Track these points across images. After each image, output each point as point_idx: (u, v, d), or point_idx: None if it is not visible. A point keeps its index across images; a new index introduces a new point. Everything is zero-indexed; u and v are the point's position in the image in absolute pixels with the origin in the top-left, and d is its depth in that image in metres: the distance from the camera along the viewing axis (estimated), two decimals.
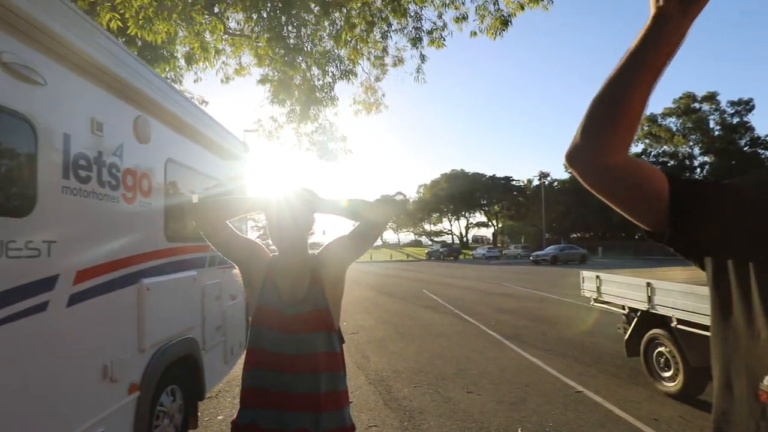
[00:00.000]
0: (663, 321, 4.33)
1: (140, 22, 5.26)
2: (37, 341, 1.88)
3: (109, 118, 2.34)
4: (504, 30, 7.25)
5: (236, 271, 1.65)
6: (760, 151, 44.41)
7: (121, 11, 5.19)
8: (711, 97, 45.46)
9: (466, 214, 72.46)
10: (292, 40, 7.19)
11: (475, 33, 7.56)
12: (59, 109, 1.99)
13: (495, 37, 7.40)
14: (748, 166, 39.90)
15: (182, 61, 8.13)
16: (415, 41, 7.96)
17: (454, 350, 6.36)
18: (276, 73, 8.66)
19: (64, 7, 1.96)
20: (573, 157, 0.80)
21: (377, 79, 9.96)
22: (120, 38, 5.31)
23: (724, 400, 0.72)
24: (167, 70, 8.05)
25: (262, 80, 9.20)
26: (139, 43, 6.70)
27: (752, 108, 44.82)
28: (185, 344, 3.24)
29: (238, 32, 8.27)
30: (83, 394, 2.20)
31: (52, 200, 1.94)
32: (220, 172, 4.04)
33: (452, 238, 77.66)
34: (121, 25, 5.25)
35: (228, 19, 7.74)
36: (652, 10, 0.70)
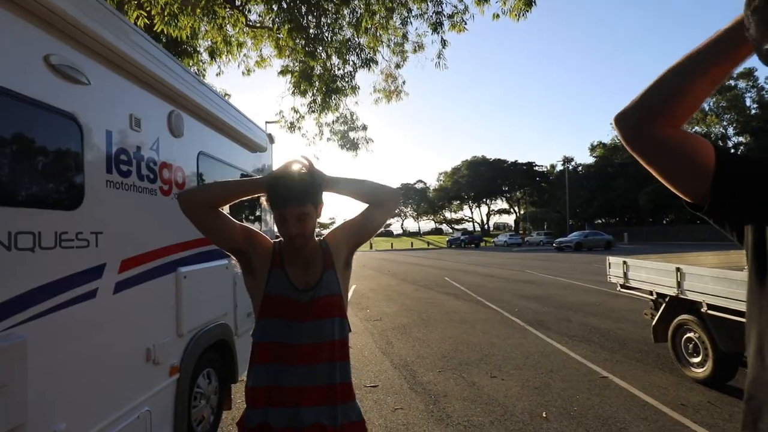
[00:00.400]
0: (692, 306, 4.27)
1: (166, 18, 5.39)
2: (89, 325, 2.02)
3: (146, 113, 2.45)
4: (528, 11, 7.08)
5: (233, 261, 1.50)
6: None
7: (148, 8, 5.32)
8: (748, 74, 43.22)
9: (488, 201, 71.71)
10: (312, 30, 7.22)
11: (498, 15, 7.41)
12: (101, 107, 2.10)
13: (518, 19, 7.23)
14: None
15: (205, 56, 8.28)
16: (436, 26, 7.87)
17: (477, 336, 6.41)
18: (297, 64, 8.74)
19: (102, 8, 2.06)
20: (627, 121, 0.83)
21: (397, 66, 9.92)
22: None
23: (756, 367, 0.75)
24: (191, 65, 8.22)
25: (283, 71, 9.29)
26: (164, 40, 6.86)
27: None
28: (219, 330, 3.40)
29: (259, 24, 8.35)
30: (130, 375, 2.34)
31: (97, 194, 2.06)
32: (248, 164, 4.15)
33: (473, 225, 77.07)
34: (148, 22, 5.39)
35: (249, 11, 7.82)
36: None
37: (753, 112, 43.67)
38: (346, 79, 8.57)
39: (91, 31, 1.92)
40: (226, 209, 1.51)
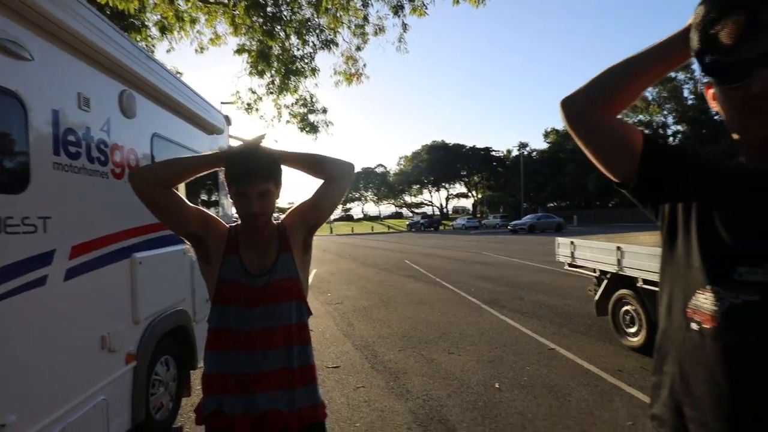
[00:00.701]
0: (630, 282, 4.65)
1: None
2: (39, 314, 1.95)
3: (96, 93, 2.33)
4: None
5: (187, 246, 1.46)
6: None
7: None
8: (686, 66, 46.05)
9: (447, 186, 73.07)
10: (270, 8, 7.00)
11: (458, 1, 7.49)
12: (47, 85, 1.99)
13: (477, 6, 7.35)
14: (718, 134, 41.17)
15: (155, 31, 7.83)
16: (397, 9, 7.84)
17: (436, 316, 6.65)
18: (254, 43, 8.44)
19: None
20: (571, 105, 0.94)
21: (358, 48, 9.78)
22: None
23: (665, 321, 0.88)
24: (138, 40, 7.74)
25: (239, 50, 8.93)
26: (108, 12, 6.42)
27: None
28: (177, 316, 3.35)
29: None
30: (84, 364, 2.28)
31: (44, 177, 1.97)
32: (204, 146, 4.03)
33: (433, 209, 78.38)
34: None
35: None
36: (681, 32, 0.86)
37: (690, 102, 46.82)
38: (306, 61, 8.39)
39: (32, 3, 1.81)
40: (182, 192, 1.46)
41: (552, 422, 3.20)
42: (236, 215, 1.44)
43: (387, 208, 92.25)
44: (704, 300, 0.79)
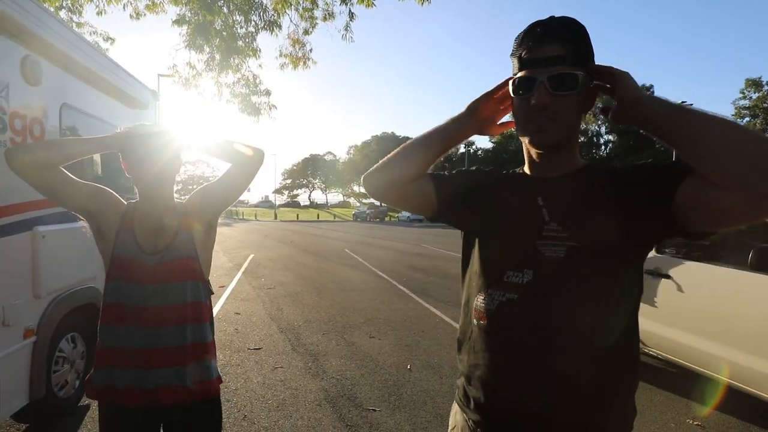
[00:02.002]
0: None
1: None
2: None
3: None
4: None
5: (82, 220, 1.47)
6: None
7: None
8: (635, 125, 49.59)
9: None
10: None
11: None
12: None
13: (422, 3, 7.54)
14: (642, 145, 44.91)
15: None
16: None
17: (364, 303, 6.86)
18: (194, 15, 8.08)
19: None
20: (371, 185, 1.14)
21: (306, 32, 9.63)
22: None
23: (462, 318, 1.08)
24: None
25: (178, 21, 8.50)
26: None
27: (652, 93, 49.78)
28: (85, 293, 3.26)
29: None
30: None
31: None
32: (125, 121, 3.89)
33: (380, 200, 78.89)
34: None
35: None
36: (461, 114, 1.09)
37: None
38: (247, 40, 8.19)
39: None
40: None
41: (450, 398, 3.47)
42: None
43: (335, 196, 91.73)
44: (481, 301, 0.98)
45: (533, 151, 0.98)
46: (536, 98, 0.90)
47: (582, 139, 52.18)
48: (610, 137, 52.36)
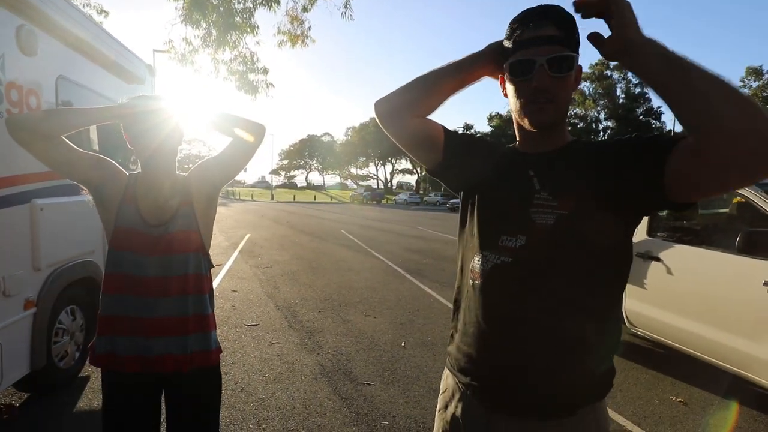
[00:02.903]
0: None
1: None
2: None
3: None
4: None
5: (84, 191, 1.49)
6: (652, 120, 49.95)
7: None
8: (620, 66, 49.23)
9: (392, 161, 73.49)
10: None
11: None
12: None
13: None
14: (642, 133, 44.76)
15: None
16: None
17: (360, 282, 6.95)
18: None
19: None
20: (384, 107, 1.14)
21: (305, 9, 9.47)
22: None
23: (459, 280, 1.13)
24: None
25: None
26: None
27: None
28: (85, 267, 3.29)
29: None
30: None
31: None
32: (122, 95, 3.86)
33: (377, 183, 78.80)
34: None
35: None
36: (477, 54, 1.09)
37: (621, 101, 50.31)
38: (245, 16, 8.05)
39: None
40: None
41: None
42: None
43: (332, 178, 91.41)
44: (477, 262, 1.03)
45: (527, 129, 1.01)
46: (537, 81, 0.94)
47: (581, 124, 52.08)
48: (609, 123, 52.18)
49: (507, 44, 1.00)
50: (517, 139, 1.09)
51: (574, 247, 0.92)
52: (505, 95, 1.05)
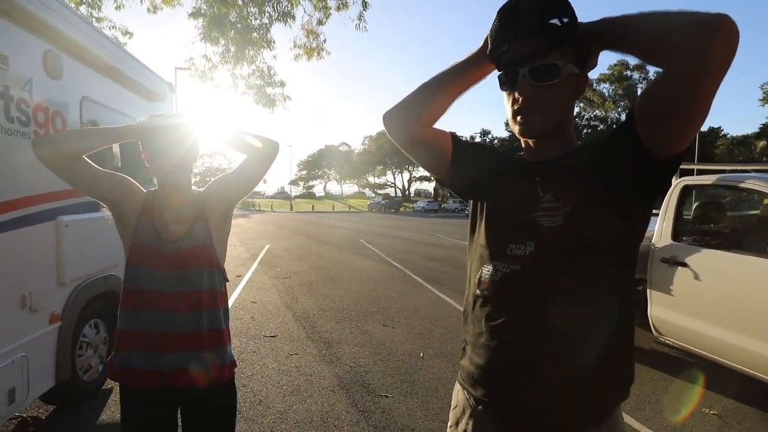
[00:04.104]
0: None
1: None
2: None
3: (16, 51, 2.30)
4: None
5: (104, 208, 1.55)
6: None
7: None
8: (641, 66, 48.31)
9: (410, 168, 73.52)
10: None
11: None
12: None
13: None
14: None
15: None
16: None
17: (378, 292, 6.92)
18: (210, 8, 8.15)
19: None
20: (391, 120, 1.14)
21: (320, 22, 9.63)
22: None
23: (468, 289, 1.10)
24: None
25: (194, 14, 8.59)
26: None
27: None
28: (108, 281, 3.37)
29: None
30: (2, 320, 2.32)
31: None
32: (143, 113, 3.98)
33: (395, 190, 78.89)
34: None
35: None
36: (477, 51, 1.05)
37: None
38: (262, 32, 8.22)
39: None
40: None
41: None
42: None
43: (350, 187, 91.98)
44: (485, 272, 1.01)
45: (522, 139, 1.02)
46: (519, 91, 0.93)
47: (601, 126, 51.09)
48: None
49: (495, 51, 0.98)
50: (524, 148, 1.08)
51: (584, 246, 0.90)
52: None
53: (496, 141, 58.51)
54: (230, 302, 6.00)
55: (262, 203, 58.74)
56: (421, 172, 74.26)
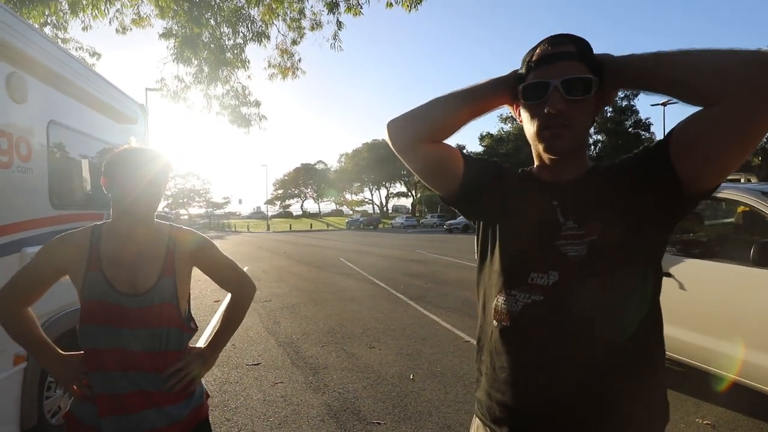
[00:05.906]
0: None
1: None
2: None
3: None
4: (419, 3, 7.44)
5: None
6: (641, 132, 50.76)
7: None
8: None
9: (387, 184, 73.87)
10: None
11: (391, 4, 7.64)
12: None
13: (410, 10, 7.57)
14: (630, 145, 45.47)
15: (66, 5, 7.19)
16: (332, 6, 7.84)
17: (363, 312, 6.78)
18: (181, 28, 8.03)
19: None
20: (397, 133, 1.06)
21: (294, 42, 9.62)
22: None
23: (480, 317, 1.04)
24: (47, 14, 7.09)
25: (165, 34, 8.44)
26: None
27: (638, 93, 50.69)
28: (76, 315, 3.15)
29: None
30: None
31: None
32: (114, 136, 3.82)
33: (373, 207, 78.97)
34: None
35: None
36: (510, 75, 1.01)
37: (609, 114, 51.17)
38: (236, 51, 8.15)
39: None
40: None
41: (456, 408, 3.44)
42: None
43: (327, 205, 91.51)
44: (502, 302, 0.95)
45: (545, 156, 0.95)
46: (551, 104, 0.88)
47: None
48: (599, 137, 52.93)
49: (521, 70, 0.96)
50: (535, 164, 1.03)
51: (611, 273, 0.86)
52: (521, 122, 0.99)
53: (493, 159, 59.44)
54: (208, 329, 5.76)
55: (237, 224, 57.63)
56: (399, 188, 74.79)
